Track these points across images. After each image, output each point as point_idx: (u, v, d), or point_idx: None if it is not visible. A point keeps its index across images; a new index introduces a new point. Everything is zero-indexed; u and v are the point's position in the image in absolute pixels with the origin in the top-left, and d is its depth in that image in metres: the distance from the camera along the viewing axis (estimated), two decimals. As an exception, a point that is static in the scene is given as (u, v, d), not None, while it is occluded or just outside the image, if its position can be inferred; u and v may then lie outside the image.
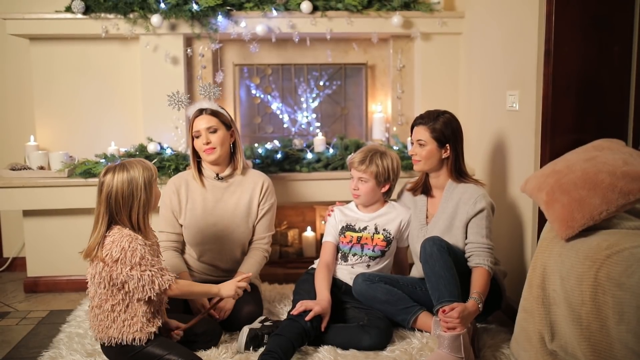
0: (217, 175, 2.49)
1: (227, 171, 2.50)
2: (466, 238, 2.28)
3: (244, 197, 2.49)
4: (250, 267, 2.45)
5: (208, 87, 2.67)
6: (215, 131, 2.41)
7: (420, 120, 2.36)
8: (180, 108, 2.76)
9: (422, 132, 2.34)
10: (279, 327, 2.11)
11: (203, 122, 2.41)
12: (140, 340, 1.92)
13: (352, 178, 2.43)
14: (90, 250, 1.90)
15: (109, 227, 1.91)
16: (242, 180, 2.52)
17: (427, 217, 2.42)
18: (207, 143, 2.40)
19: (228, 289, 2.10)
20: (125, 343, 1.91)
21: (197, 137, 2.43)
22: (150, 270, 1.88)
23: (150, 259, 1.90)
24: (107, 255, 1.87)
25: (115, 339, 1.92)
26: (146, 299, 1.92)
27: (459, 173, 2.37)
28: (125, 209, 1.91)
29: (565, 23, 2.22)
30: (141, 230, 1.94)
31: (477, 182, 2.37)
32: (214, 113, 2.43)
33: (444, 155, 2.34)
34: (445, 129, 2.32)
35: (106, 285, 1.89)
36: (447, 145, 2.33)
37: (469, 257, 2.24)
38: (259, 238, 2.53)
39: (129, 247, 1.86)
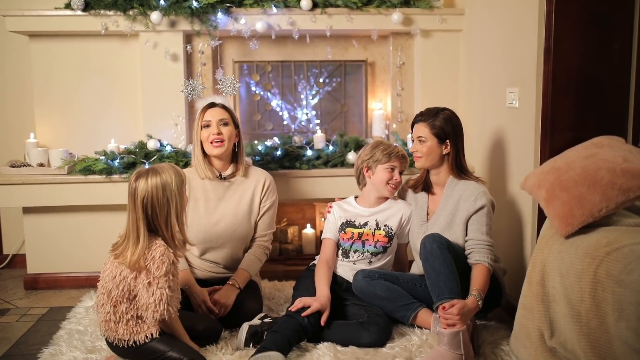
0: (220, 174, 2.49)
1: (229, 170, 2.51)
2: (466, 235, 2.29)
3: (246, 195, 2.50)
4: (251, 264, 2.45)
5: (229, 81, 2.64)
6: (226, 124, 2.44)
7: (420, 117, 2.37)
8: (192, 97, 2.75)
9: (422, 129, 2.35)
10: (277, 323, 2.12)
11: (216, 114, 2.44)
12: (152, 335, 1.91)
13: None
14: (137, 262, 1.84)
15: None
16: (244, 178, 2.52)
17: (427, 214, 2.42)
18: (219, 134, 2.41)
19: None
20: (135, 343, 1.91)
21: (207, 126, 2.43)
22: (165, 291, 1.84)
23: (172, 279, 1.86)
24: None
25: (125, 341, 1.91)
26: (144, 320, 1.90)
27: (460, 169, 2.37)
28: (162, 215, 1.86)
29: (565, 20, 2.22)
30: (175, 239, 1.89)
31: (477, 179, 2.38)
32: (226, 108, 2.48)
33: (445, 152, 2.35)
34: (445, 125, 2.32)
35: (124, 289, 1.88)
36: (447, 141, 2.33)
37: (469, 254, 2.24)
38: (260, 235, 2.53)
39: (159, 258, 1.84)
